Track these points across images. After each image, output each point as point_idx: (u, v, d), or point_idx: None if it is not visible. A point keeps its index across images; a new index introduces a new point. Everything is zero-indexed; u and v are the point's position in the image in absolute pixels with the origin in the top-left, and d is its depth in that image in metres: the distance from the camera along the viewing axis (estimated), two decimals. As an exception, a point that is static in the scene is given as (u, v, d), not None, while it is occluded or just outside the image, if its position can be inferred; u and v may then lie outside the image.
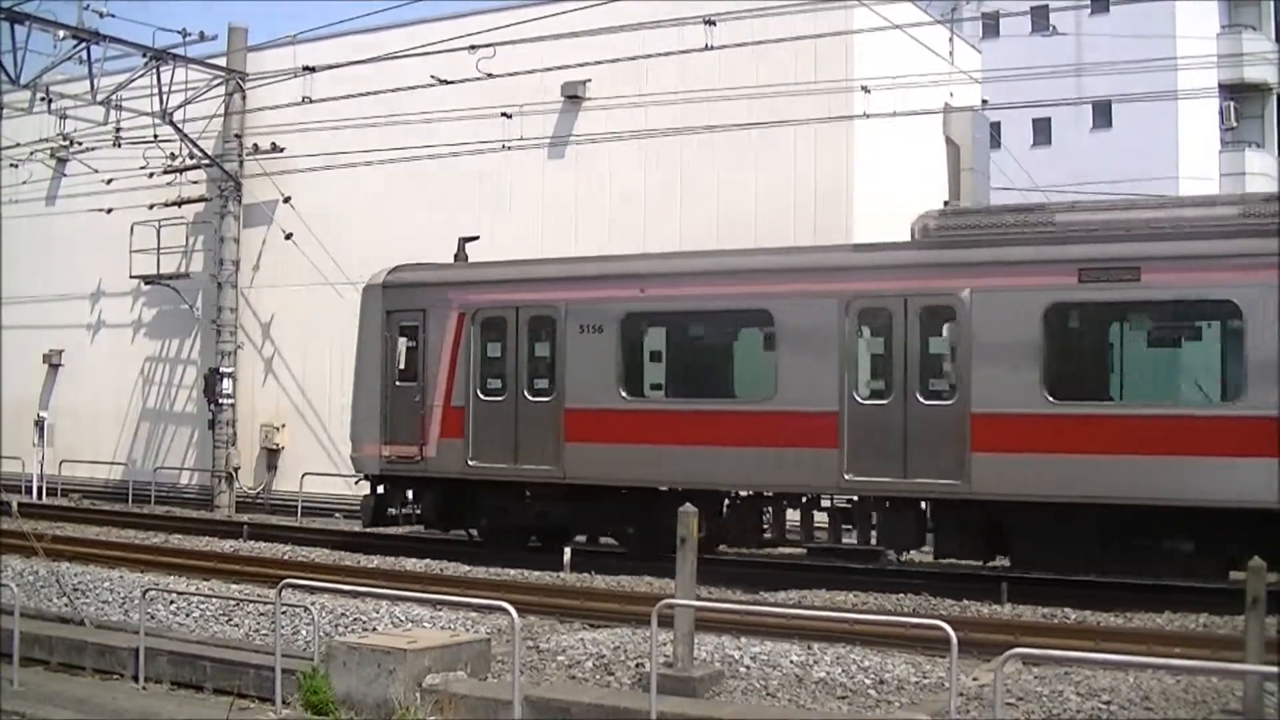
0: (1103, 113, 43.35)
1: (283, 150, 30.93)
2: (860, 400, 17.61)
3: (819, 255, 19.77)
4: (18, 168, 33.14)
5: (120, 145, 30.01)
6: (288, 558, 21.27)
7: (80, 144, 31.27)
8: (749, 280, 18.91)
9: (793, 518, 19.25)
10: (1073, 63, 37.79)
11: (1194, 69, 35.37)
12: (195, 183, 32.35)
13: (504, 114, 26.66)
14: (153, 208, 32.36)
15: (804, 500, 18.72)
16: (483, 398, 20.48)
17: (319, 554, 21.79)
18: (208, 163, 31.54)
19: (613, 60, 24.99)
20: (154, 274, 32.97)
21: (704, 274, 19.37)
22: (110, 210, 32.25)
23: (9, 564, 17.63)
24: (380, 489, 21.74)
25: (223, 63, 31.48)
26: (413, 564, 20.40)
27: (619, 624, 14.83)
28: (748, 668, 12.52)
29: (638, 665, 12.51)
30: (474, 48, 24.79)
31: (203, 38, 28.72)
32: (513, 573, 19.19)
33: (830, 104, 24.62)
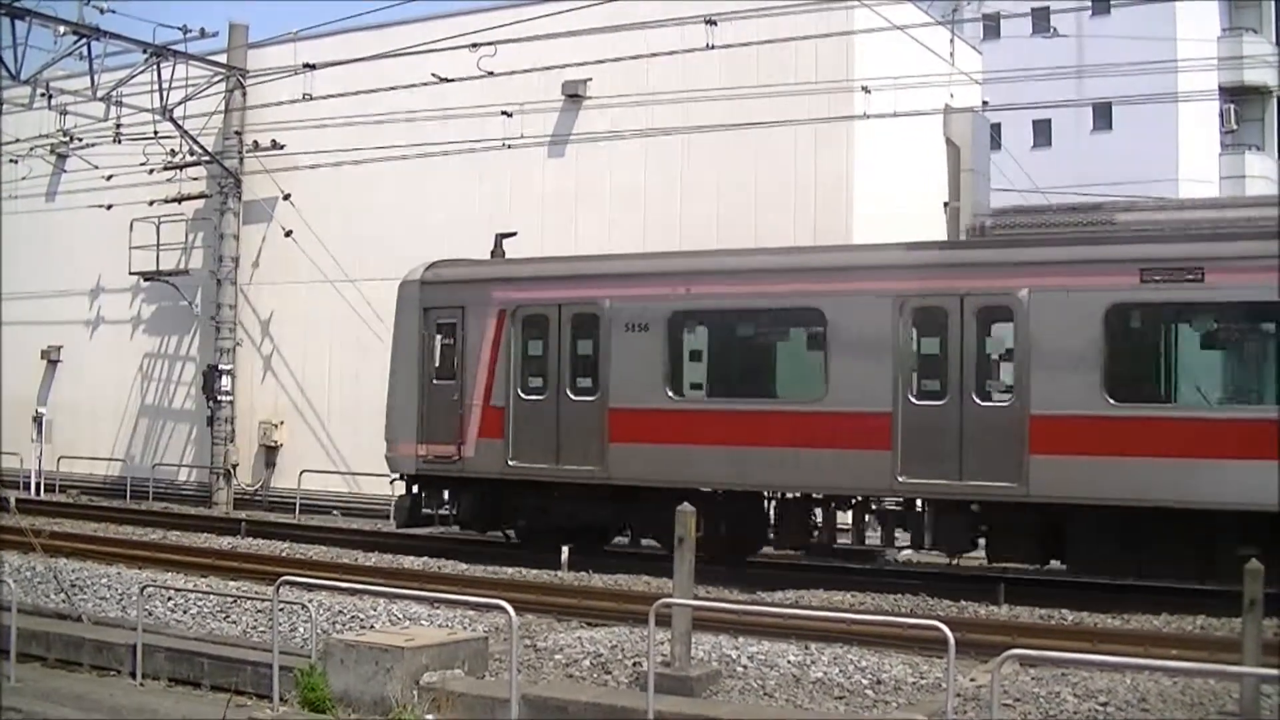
0: (1103, 114, 43.34)
1: (283, 147, 30.94)
2: (914, 401, 17.21)
3: (872, 253, 19.35)
4: (18, 163, 33.17)
5: (120, 141, 30.01)
6: (285, 555, 21.26)
7: (80, 140, 31.26)
8: (800, 279, 18.55)
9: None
10: (1073, 64, 37.70)
11: (1194, 71, 35.36)
12: (195, 179, 32.34)
13: (504, 112, 26.67)
14: (152, 204, 32.40)
15: (855, 502, 18.37)
16: (523, 397, 20.08)
17: (317, 551, 21.80)
18: (208, 159, 31.54)
19: (614, 59, 25.00)
20: (153, 270, 32.96)
21: (753, 272, 19.02)
22: (110, 206, 32.23)
23: (6, 560, 17.62)
24: (415, 489, 21.32)
25: (223, 59, 31.46)
26: (410, 562, 20.40)
27: (617, 623, 14.83)
28: (745, 667, 12.51)
29: (635, 664, 12.51)
30: (475, 46, 24.77)
31: (203, 34, 28.80)
32: (510, 571, 19.19)
33: (831, 104, 24.61)
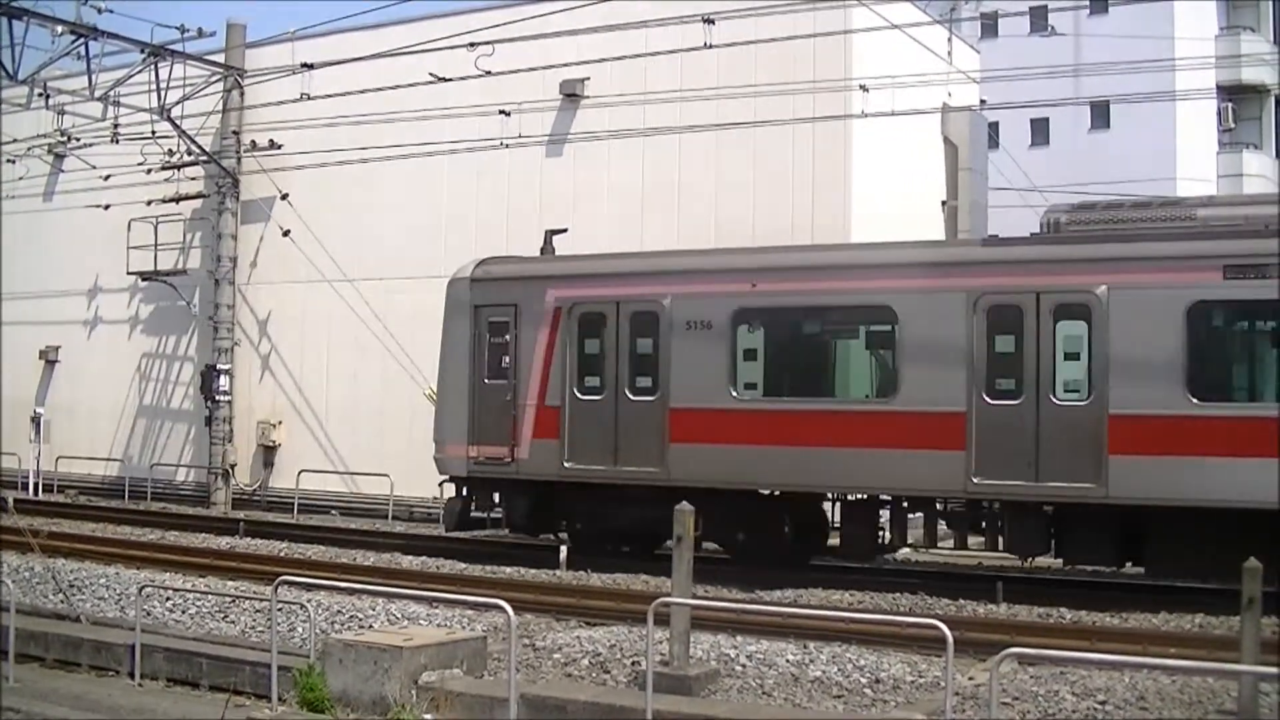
0: (1101, 113, 43.33)
1: (281, 147, 30.93)
2: (989, 400, 16.85)
3: (945, 250, 19.08)
4: (15, 163, 33.12)
5: (118, 141, 29.95)
6: (284, 555, 21.27)
7: (78, 140, 31.21)
8: (870, 275, 18.14)
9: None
10: (1071, 63, 37.72)
11: (1192, 70, 35.34)
12: (193, 179, 32.31)
13: (502, 111, 26.66)
14: (150, 204, 32.38)
15: (931, 504, 18.01)
16: (580, 396, 19.66)
17: (315, 551, 21.83)
18: (205, 159, 31.51)
19: (612, 58, 24.97)
20: (151, 270, 32.94)
21: (822, 268, 18.72)
22: (108, 206, 32.20)
23: (5, 560, 17.57)
24: (465, 491, 20.98)
25: (221, 59, 31.41)
26: (409, 562, 20.43)
27: (615, 622, 14.84)
28: (744, 666, 12.52)
29: (634, 663, 12.51)
30: (472, 45, 24.73)
31: (201, 34, 28.73)
32: (509, 570, 19.22)
33: (829, 103, 24.60)
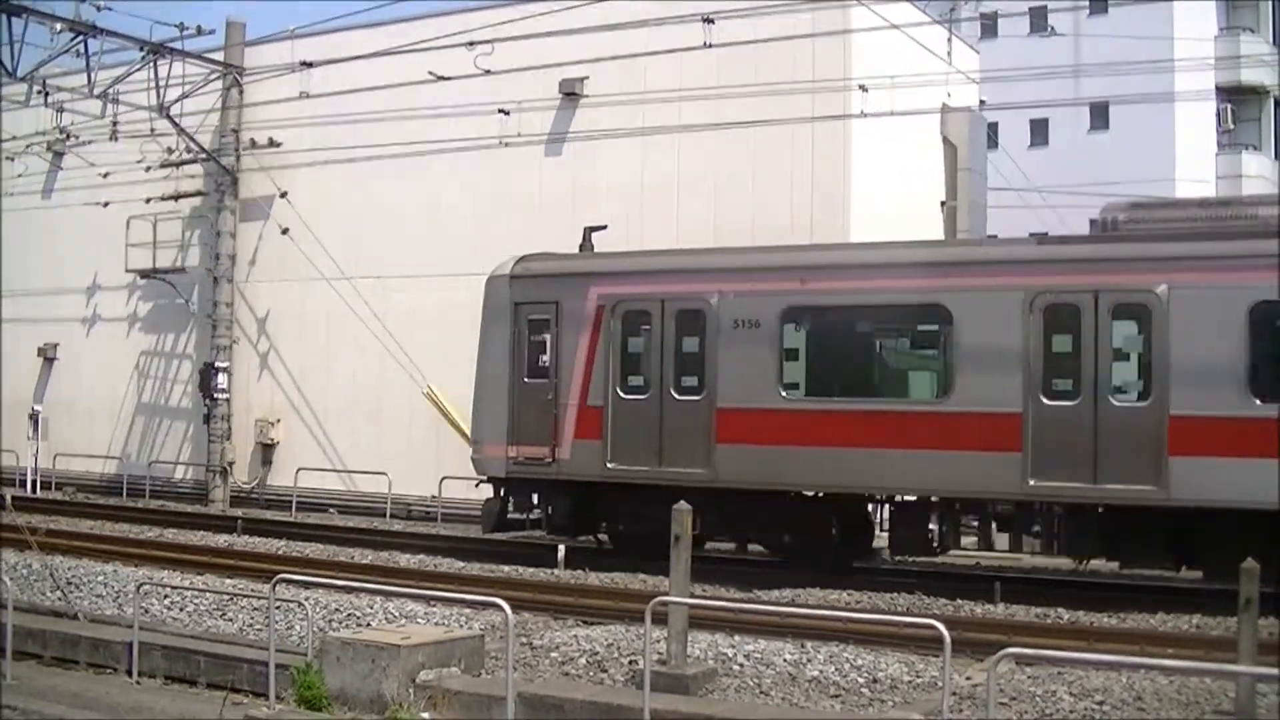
0: (1100, 114, 43.31)
1: (279, 145, 30.96)
2: (1046, 401, 16.58)
3: (1000, 248, 18.86)
4: (14, 161, 33.13)
5: (117, 139, 29.96)
6: (282, 553, 21.27)
7: (77, 138, 31.24)
8: (924, 274, 17.87)
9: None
10: (1070, 63, 37.74)
11: (1191, 71, 35.39)
12: (192, 177, 32.33)
13: (501, 110, 26.68)
14: (149, 202, 32.40)
15: (982, 506, 17.68)
16: (623, 396, 19.31)
17: (313, 549, 21.82)
18: (204, 157, 31.51)
19: (611, 58, 24.98)
20: (150, 268, 32.96)
21: (874, 266, 18.40)
22: (106, 204, 32.23)
23: (3, 558, 17.56)
24: (501, 492, 20.57)
25: (220, 57, 31.41)
26: (406, 560, 20.42)
27: (613, 621, 14.84)
28: (741, 666, 12.52)
29: (631, 662, 12.51)
30: (472, 44, 24.75)
31: (200, 32, 28.72)
32: (507, 569, 19.22)
33: (828, 103, 24.60)
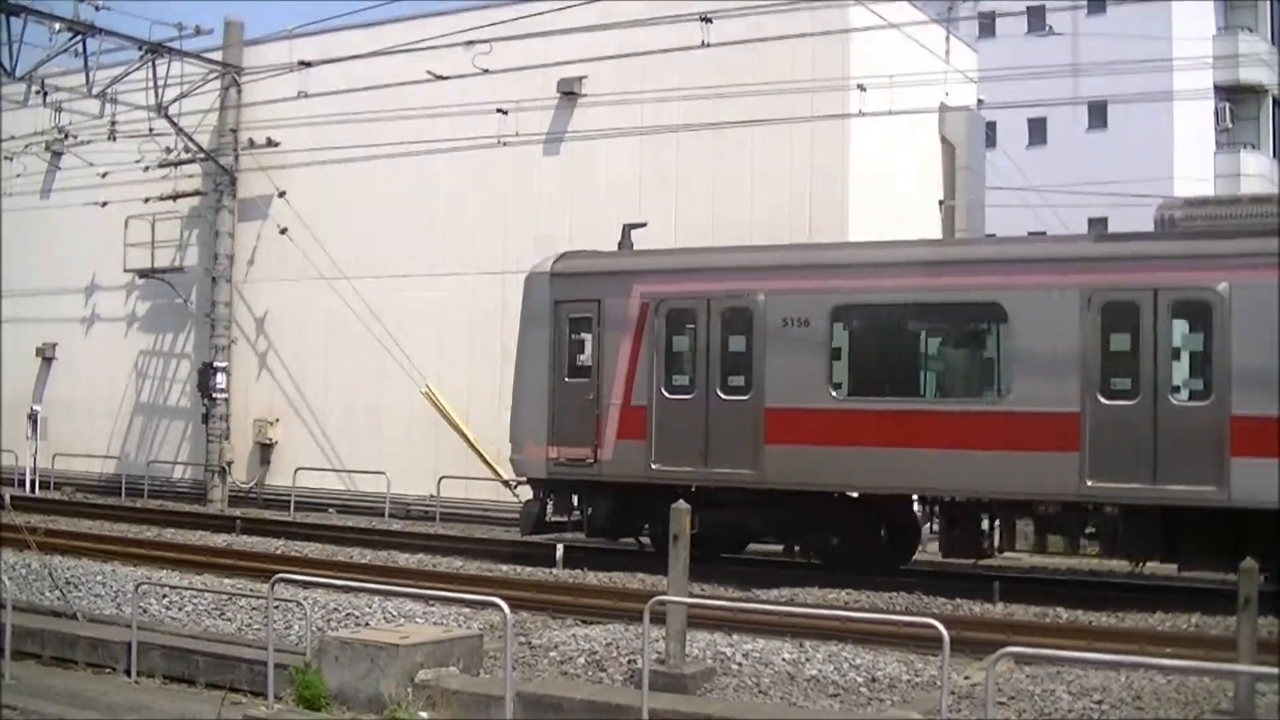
0: (1098, 113, 43.35)
1: (278, 145, 30.94)
2: (1103, 400, 16.30)
3: (1057, 245, 18.74)
4: (13, 161, 33.09)
5: (115, 139, 29.95)
6: (281, 552, 21.26)
7: (75, 137, 31.22)
8: (978, 271, 17.66)
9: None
10: (1068, 62, 37.76)
11: (1190, 70, 35.40)
12: (190, 177, 32.30)
13: (500, 110, 26.67)
14: (148, 201, 32.37)
15: (1034, 508, 17.44)
16: (668, 396, 18.96)
17: (312, 549, 21.81)
18: (203, 157, 31.49)
19: (609, 57, 24.98)
20: (148, 268, 32.93)
21: (926, 264, 18.14)
22: (105, 204, 32.21)
23: (2, 558, 17.57)
24: (541, 494, 20.24)
25: (219, 57, 31.41)
26: (405, 560, 20.42)
27: (611, 620, 14.84)
28: (740, 665, 12.52)
29: (630, 662, 12.51)
30: (470, 43, 24.75)
31: (198, 31, 28.77)
32: (505, 569, 19.23)
33: (826, 102, 24.60)
